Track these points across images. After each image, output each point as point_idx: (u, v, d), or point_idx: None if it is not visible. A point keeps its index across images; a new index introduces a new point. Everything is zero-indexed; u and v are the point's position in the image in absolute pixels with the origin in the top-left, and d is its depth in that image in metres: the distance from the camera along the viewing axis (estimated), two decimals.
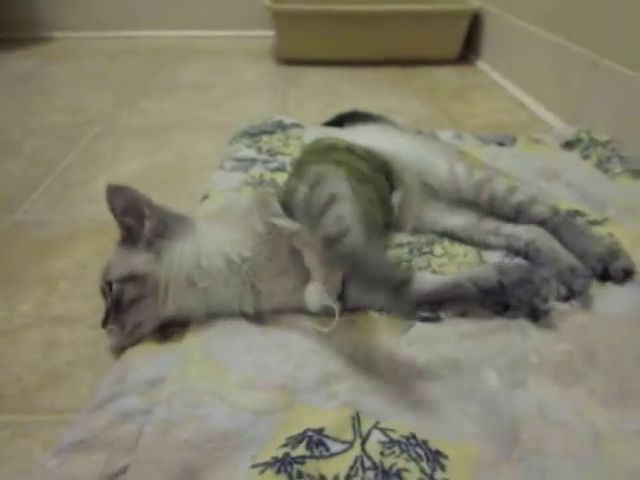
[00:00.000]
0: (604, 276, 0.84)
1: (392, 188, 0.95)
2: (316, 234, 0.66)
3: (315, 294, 0.71)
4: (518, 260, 0.89)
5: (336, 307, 0.69)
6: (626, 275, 0.83)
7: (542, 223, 0.91)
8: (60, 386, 0.70)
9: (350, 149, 0.93)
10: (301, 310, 0.74)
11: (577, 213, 1.00)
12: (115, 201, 0.74)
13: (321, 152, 0.95)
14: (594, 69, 1.39)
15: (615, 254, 0.84)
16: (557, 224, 0.91)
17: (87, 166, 1.31)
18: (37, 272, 0.93)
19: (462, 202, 0.97)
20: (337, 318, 0.67)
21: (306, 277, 0.72)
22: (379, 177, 0.92)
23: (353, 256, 0.62)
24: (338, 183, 0.72)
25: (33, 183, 1.22)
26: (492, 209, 0.95)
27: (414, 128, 1.39)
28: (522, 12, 1.84)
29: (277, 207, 0.74)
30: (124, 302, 0.72)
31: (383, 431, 0.59)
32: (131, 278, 0.73)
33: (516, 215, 0.93)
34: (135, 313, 0.72)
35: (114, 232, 1.01)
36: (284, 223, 0.72)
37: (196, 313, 0.75)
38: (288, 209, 0.73)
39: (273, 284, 0.75)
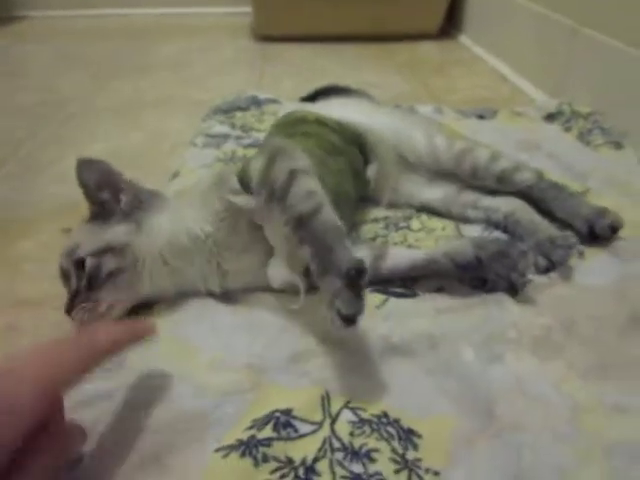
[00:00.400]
0: (592, 236, 0.83)
1: (367, 161, 0.92)
2: (280, 214, 0.63)
3: (277, 270, 0.68)
4: (497, 234, 0.88)
5: (301, 283, 0.66)
6: (613, 232, 0.82)
7: (528, 189, 0.90)
8: None
9: (320, 121, 0.90)
10: (269, 288, 0.71)
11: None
12: (87, 175, 0.70)
13: (290, 125, 0.92)
14: (575, 39, 1.36)
15: (602, 213, 0.83)
16: (543, 189, 0.89)
17: (57, 146, 1.27)
18: (1, 254, 0.89)
19: (440, 175, 0.95)
20: (303, 294, 0.65)
21: (271, 254, 0.70)
22: (352, 149, 0.89)
23: (327, 233, 0.59)
24: (296, 157, 0.69)
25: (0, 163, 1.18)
26: (474, 179, 0.92)
27: (394, 103, 1.36)
28: None
29: (234, 183, 0.71)
30: (101, 276, 0.68)
31: (353, 410, 0.57)
32: (109, 250, 0.69)
33: (499, 184, 0.91)
34: (111, 290, 0.68)
35: (83, 212, 0.98)
36: (239, 200, 0.69)
37: (167, 293, 0.73)
38: (245, 184, 0.70)
39: (238, 262, 0.72)
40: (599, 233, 0.82)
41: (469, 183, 0.93)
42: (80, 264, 0.68)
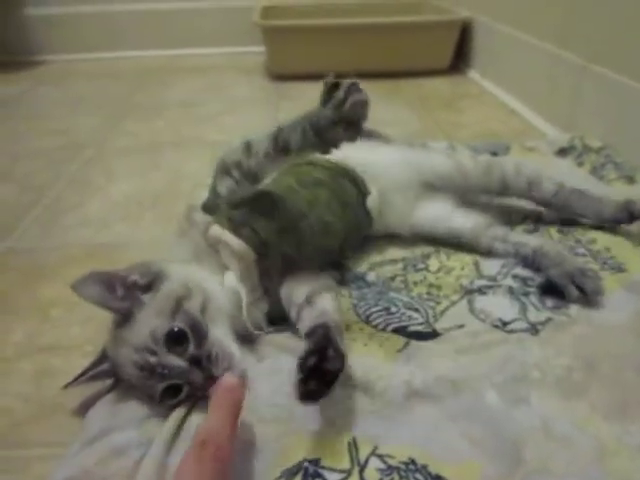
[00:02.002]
0: (632, 219, 0.93)
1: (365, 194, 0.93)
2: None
3: (229, 279, 0.72)
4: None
5: (244, 295, 0.71)
6: None
7: (553, 196, 0.97)
8: (52, 418, 0.68)
9: (311, 162, 0.92)
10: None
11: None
12: (89, 292, 0.64)
13: (286, 168, 0.92)
14: (584, 74, 1.39)
15: (630, 202, 0.93)
16: (568, 194, 0.96)
17: (79, 190, 1.30)
18: (29, 300, 0.91)
19: (467, 203, 0.99)
20: (245, 304, 0.70)
21: None
22: (342, 183, 0.90)
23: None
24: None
25: (25, 209, 1.21)
26: (505, 188, 0.99)
27: (407, 140, 1.38)
28: (511, 20, 1.84)
29: (198, 208, 0.79)
30: (199, 319, 0.64)
31: (381, 457, 0.57)
32: (180, 300, 0.66)
33: (530, 189, 0.97)
34: (217, 322, 0.66)
35: (106, 256, 1.00)
36: (198, 217, 0.76)
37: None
38: (208, 208, 0.79)
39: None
40: (637, 214, 0.91)
41: (498, 193, 1.01)
42: (170, 339, 0.62)
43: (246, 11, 2.30)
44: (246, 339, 0.73)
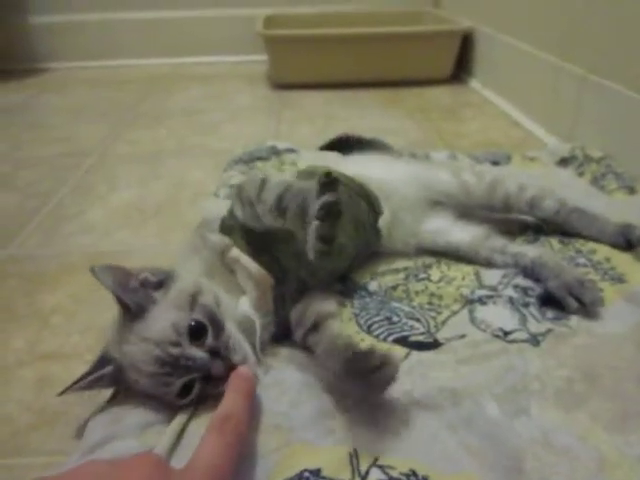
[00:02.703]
0: (629, 246, 0.94)
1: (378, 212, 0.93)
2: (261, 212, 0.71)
3: (243, 304, 0.72)
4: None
5: (256, 318, 0.71)
6: None
7: (555, 215, 0.98)
8: (53, 426, 0.69)
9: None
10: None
11: None
12: (109, 279, 0.65)
13: (306, 175, 0.93)
14: (585, 85, 1.39)
15: (630, 227, 0.94)
16: (568, 213, 0.98)
17: (81, 198, 1.30)
18: (29, 307, 0.92)
19: (468, 216, 0.99)
20: (259, 329, 0.70)
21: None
22: (358, 202, 0.90)
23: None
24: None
25: (27, 216, 1.22)
26: (506, 207, 1.00)
27: (409, 149, 1.38)
28: (512, 30, 1.85)
29: (215, 223, 0.76)
30: (214, 311, 0.66)
31: (382, 469, 0.57)
32: (194, 296, 0.67)
33: (530, 209, 1.00)
34: (229, 314, 0.68)
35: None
36: (214, 237, 0.74)
37: None
38: (226, 228, 0.76)
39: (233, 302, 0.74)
40: (635, 242, 0.92)
41: (500, 211, 1.01)
42: (191, 331, 0.64)
43: (249, 20, 2.31)
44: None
